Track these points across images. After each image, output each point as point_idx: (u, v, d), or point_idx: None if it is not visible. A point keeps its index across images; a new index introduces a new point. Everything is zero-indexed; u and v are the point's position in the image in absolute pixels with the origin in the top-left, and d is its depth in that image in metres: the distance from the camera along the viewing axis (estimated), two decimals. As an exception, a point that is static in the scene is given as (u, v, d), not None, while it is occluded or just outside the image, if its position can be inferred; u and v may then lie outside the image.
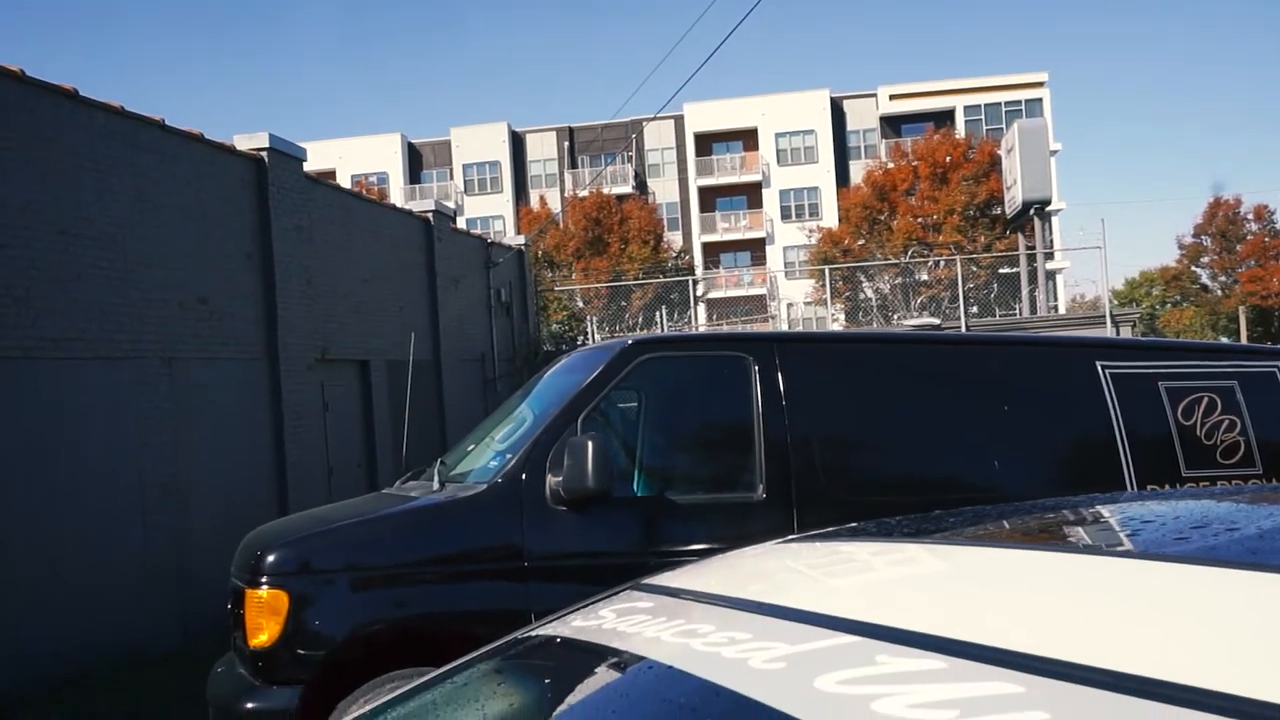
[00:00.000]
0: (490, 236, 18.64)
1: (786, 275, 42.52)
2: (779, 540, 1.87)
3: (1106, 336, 16.96)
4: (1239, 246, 48.19)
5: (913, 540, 1.63)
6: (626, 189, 45.99)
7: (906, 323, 21.74)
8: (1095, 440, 4.92)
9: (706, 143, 48.64)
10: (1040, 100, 45.56)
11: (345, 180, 41.22)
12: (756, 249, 48.07)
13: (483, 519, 4.36)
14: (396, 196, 41.38)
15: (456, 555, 4.34)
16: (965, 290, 22.36)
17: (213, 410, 9.27)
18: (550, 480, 4.30)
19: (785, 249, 46.29)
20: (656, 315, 27.35)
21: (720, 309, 37.71)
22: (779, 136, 47.73)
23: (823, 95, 47.86)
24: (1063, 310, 31.84)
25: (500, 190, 48.97)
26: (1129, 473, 4.85)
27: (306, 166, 11.21)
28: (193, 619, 8.48)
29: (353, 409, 12.14)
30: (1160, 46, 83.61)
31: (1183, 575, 1.13)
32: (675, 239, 45.63)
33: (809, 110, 47.62)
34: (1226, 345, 12.05)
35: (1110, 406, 4.93)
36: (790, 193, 47.59)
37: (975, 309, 25.90)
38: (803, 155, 47.76)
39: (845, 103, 48.47)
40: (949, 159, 36.93)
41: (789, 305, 32.49)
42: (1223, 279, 49.45)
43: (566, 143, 49.57)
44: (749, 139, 48.27)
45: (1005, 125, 36.95)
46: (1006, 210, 24.44)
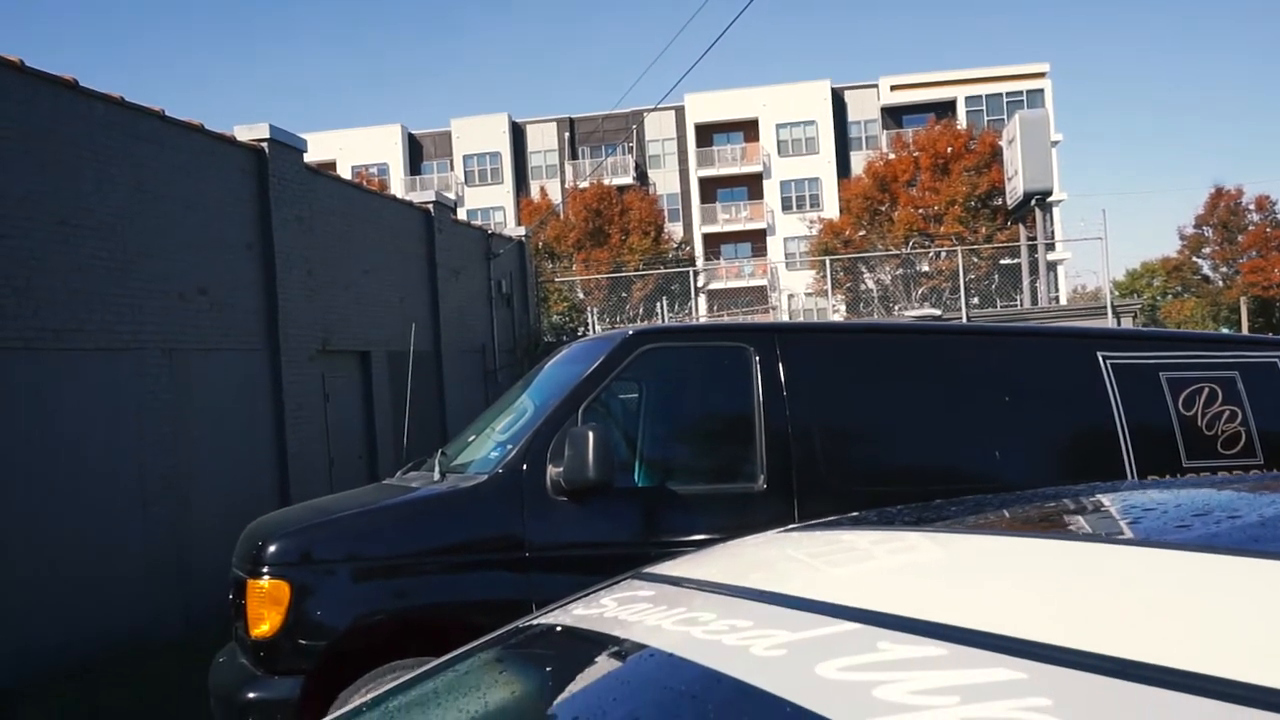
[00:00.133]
0: (491, 227, 18.64)
1: (787, 266, 42.38)
2: (780, 529, 1.87)
3: (1108, 327, 16.93)
4: (1240, 237, 48.20)
5: (914, 528, 1.63)
6: (627, 180, 45.89)
7: (908, 314, 21.71)
8: (1096, 431, 4.92)
9: (707, 133, 48.56)
10: (1041, 91, 45.46)
11: (346, 171, 41.15)
12: (757, 240, 48.01)
13: (484, 509, 4.36)
14: (397, 188, 41.36)
15: (458, 546, 4.34)
16: (966, 281, 22.32)
17: (213, 401, 9.27)
18: (551, 471, 4.30)
19: (786, 240, 46.24)
20: (657, 306, 27.33)
21: (721, 300, 37.63)
22: (780, 127, 47.62)
23: (824, 86, 47.73)
24: (1064, 301, 31.86)
25: (501, 181, 48.89)
26: (1130, 463, 4.84)
27: (307, 157, 11.20)
28: (194, 609, 8.50)
29: (353, 400, 12.14)
30: (1162, 37, 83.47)
31: (1184, 562, 1.13)
32: (676, 230, 45.54)
33: (810, 101, 47.53)
34: (1228, 336, 12.04)
35: (1111, 397, 4.92)
36: (791, 184, 47.53)
37: (976, 300, 25.87)
38: (804, 146, 47.66)
39: (846, 93, 48.36)
40: (950, 150, 36.85)
41: (790, 296, 32.41)
42: (1224, 270, 49.48)
43: (567, 133, 49.48)
44: (750, 130, 48.18)
45: (1006, 116, 36.92)
46: (1008, 201, 24.40)
